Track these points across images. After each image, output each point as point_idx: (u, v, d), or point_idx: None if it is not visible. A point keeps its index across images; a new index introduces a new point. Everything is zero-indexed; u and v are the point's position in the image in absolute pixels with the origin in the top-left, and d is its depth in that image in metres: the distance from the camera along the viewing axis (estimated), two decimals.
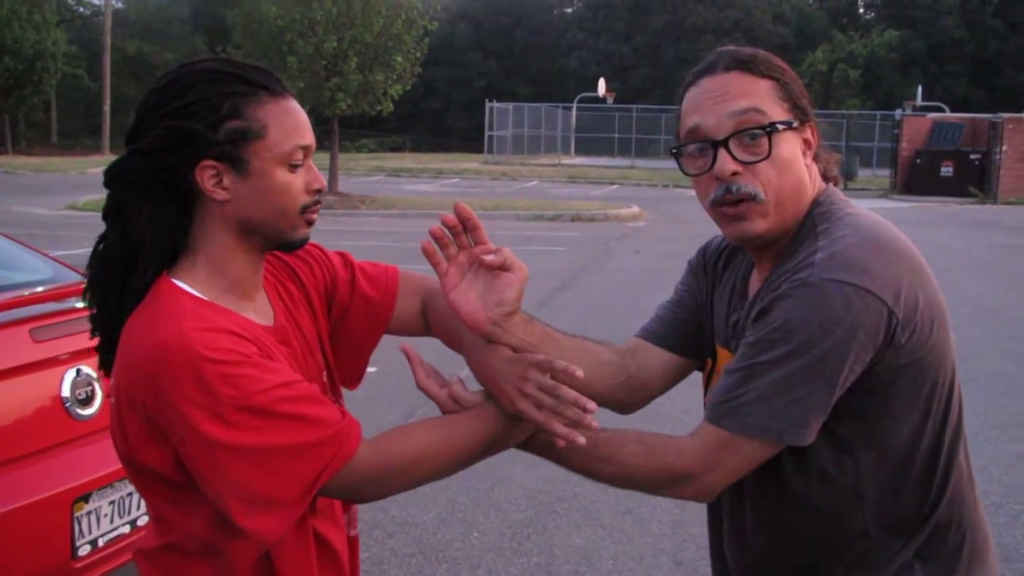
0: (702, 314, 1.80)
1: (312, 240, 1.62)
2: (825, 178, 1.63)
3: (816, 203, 1.58)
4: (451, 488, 5.05)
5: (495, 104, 39.92)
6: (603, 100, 41.76)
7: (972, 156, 26.71)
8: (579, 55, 60.85)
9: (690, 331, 1.82)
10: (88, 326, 3.18)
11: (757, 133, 1.52)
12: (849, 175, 28.40)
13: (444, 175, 32.83)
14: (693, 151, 1.57)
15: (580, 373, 1.50)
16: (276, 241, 1.54)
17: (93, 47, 48.56)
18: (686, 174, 1.61)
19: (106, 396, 1.58)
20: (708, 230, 1.76)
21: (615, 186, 29.59)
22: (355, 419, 1.47)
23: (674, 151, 1.63)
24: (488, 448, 1.55)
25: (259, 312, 1.56)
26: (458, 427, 1.53)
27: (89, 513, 3.13)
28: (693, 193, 1.63)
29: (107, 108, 44.91)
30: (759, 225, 1.55)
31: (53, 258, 4.14)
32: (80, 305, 3.38)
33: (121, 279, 1.48)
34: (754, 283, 1.65)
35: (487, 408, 1.54)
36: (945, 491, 1.54)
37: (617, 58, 60.13)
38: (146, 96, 1.51)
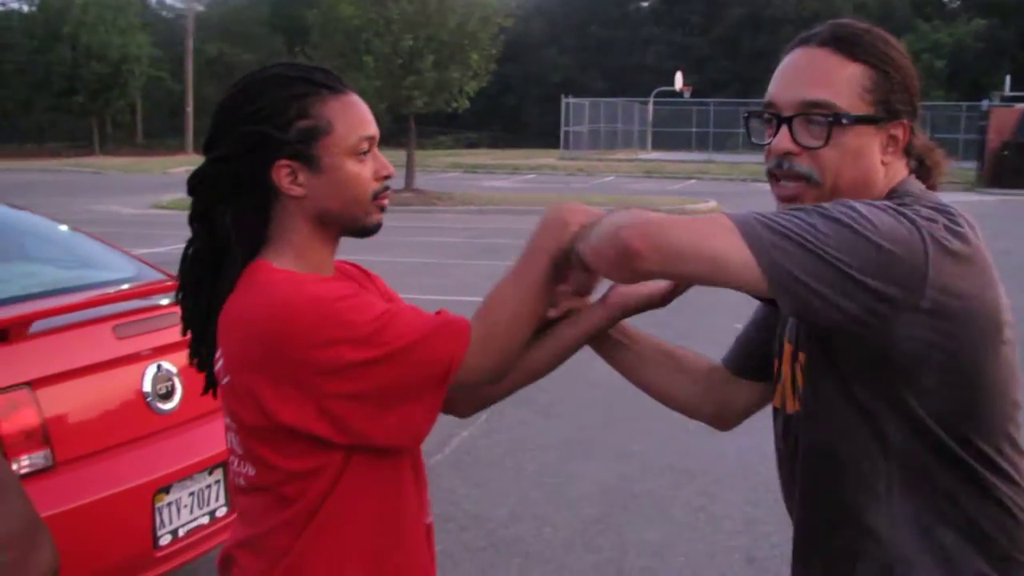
0: (774, 323, 1.74)
1: (390, 235, 1.69)
2: (926, 179, 1.58)
3: (893, 192, 1.52)
4: (523, 483, 5.09)
5: (571, 99, 39.87)
6: (680, 94, 41.47)
7: None
8: (655, 49, 60.42)
9: (763, 351, 1.78)
10: (169, 323, 3.27)
11: (820, 121, 1.49)
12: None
13: (520, 171, 32.89)
14: (764, 120, 1.57)
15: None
16: (352, 228, 1.65)
17: (176, 50, 49.62)
18: (753, 140, 1.61)
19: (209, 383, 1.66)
20: None
21: (693, 181, 29.36)
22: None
23: (746, 115, 1.64)
24: (551, 272, 1.57)
25: None
26: (522, 270, 1.58)
27: (170, 504, 3.22)
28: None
29: (190, 109, 45.93)
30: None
31: (136, 257, 4.27)
32: (164, 303, 3.50)
33: (212, 277, 1.61)
34: None
35: (534, 243, 1.61)
36: (992, 489, 1.48)
37: (694, 51, 59.56)
38: (219, 106, 1.62)
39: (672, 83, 41.08)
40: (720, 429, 1.93)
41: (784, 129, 1.52)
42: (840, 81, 1.49)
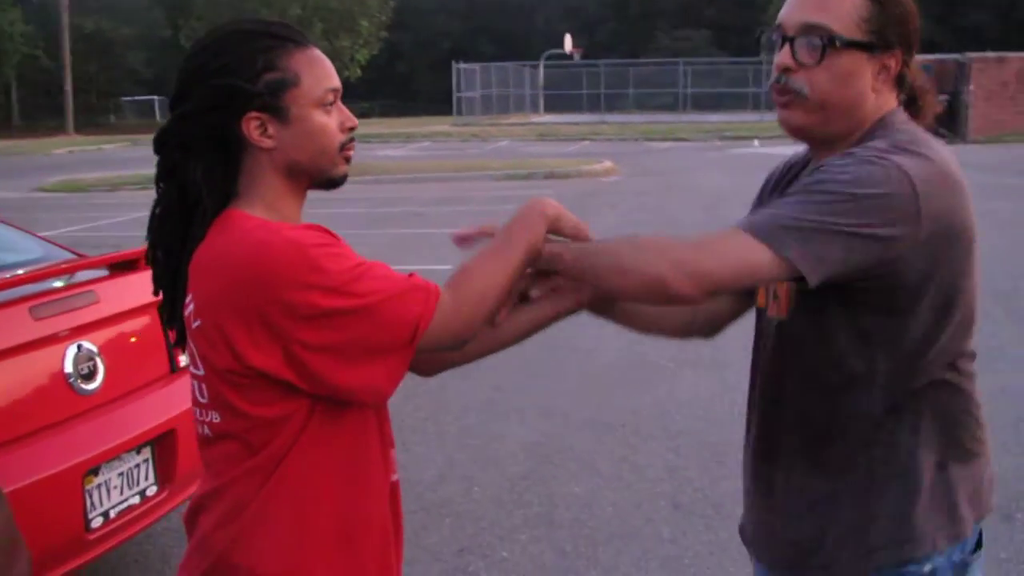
0: None
1: None
2: (914, 116, 1.73)
3: (880, 120, 1.68)
4: (448, 445, 5.12)
5: (462, 65, 39.71)
6: (570, 57, 41.62)
7: (940, 97, 26.74)
8: (544, 12, 60.50)
9: None
10: (87, 302, 3.19)
11: (816, 43, 1.63)
12: None
13: (414, 139, 32.68)
14: (774, 40, 1.71)
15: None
16: (319, 179, 1.67)
17: (50, 27, 47.85)
18: (764, 57, 1.74)
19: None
20: (681, 180, 1.87)
21: (586, 142, 29.56)
22: None
23: (760, 33, 1.79)
24: (528, 258, 1.65)
25: None
26: (501, 248, 1.66)
27: (99, 486, 3.17)
28: (664, 146, 1.78)
29: (69, 88, 44.40)
30: (799, 118, 1.69)
31: (41, 237, 4.15)
32: (73, 281, 3.42)
33: (183, 231, 1.62)
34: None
35: (514, 227, 1.68)
36: (956, 388, 1.69)
37: (582, 14, 59.81)
38: (184, 63, 1.62)
39: (562, 46, 41.18)
40: (707, 338, 2.05)
41: (787, 47, 1.67)
42: (840, 8, 1.64)
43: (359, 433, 1.64)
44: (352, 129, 1.67)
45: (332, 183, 1.68)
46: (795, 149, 2.00)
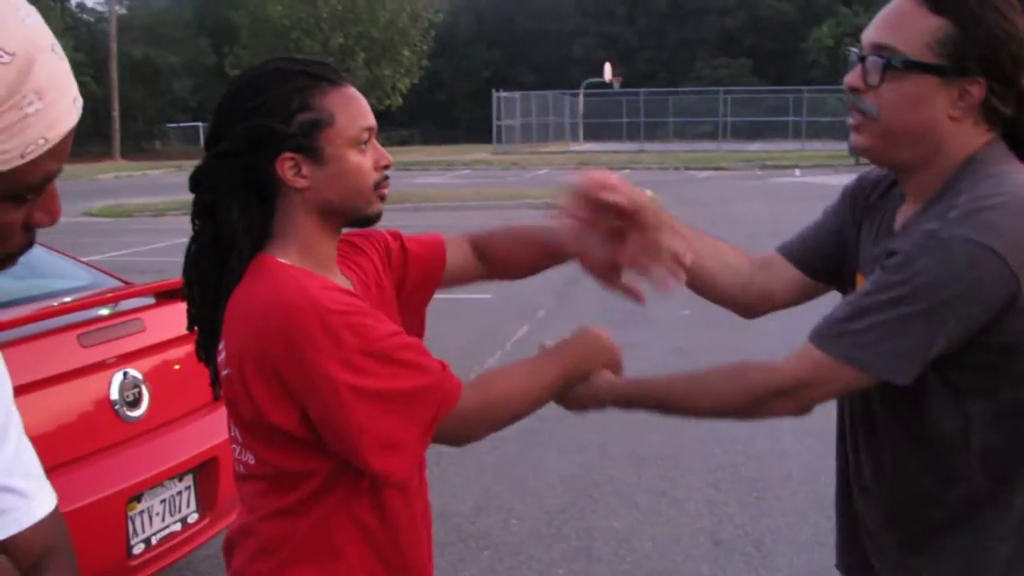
0: (845, 240, 1.84)
1: None
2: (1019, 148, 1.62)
3: (970, 159, 1.58)
4: (486, 477, 5.11)
5: (502, 93, 39.90)
6: (609, 85, 41.75)
7: None
8: (583, 40, 60.71)
9: (828, 254, 1.87)
10: (133, 330, 3.24)
11: (879, 63, 1.57)
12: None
13: (455, 167, 32.85)
14: (853, 56, 1.66)
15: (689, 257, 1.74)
16: (354, 218, 1.67)
17: (99, 54, 48.72)
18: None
19: (219, 374, 1.65)
20: (722, 210, 1.85)
21: (626, 171, 29.52)
22: (450, 369, 1.61)
23: (846, 52, 1.74)
24: (559, 389, 1.70)
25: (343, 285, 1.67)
26: (535, 371, 1.69)
27: (142, 512, 3.20)
28: (704, 175, 1.75)
29: (116, 114, 45.11)
30: (864, 140, 1.63)
31: (88, 264, 4.21)
32: (121, 309, 3.46)
33: (218, 273, 1.61)
34: (900, 219, 1.68)
35: (564, 353, 1.73)
36: None
37: (621, 42, 60.00)
38: (220, 103, 1.62)
39: (601, 74, 41.30)
40: (748, 318, 2.02)
41: (859, 66, 1.61)
42: (911, 29, 1.56)
43: (395, 489, 1.64)
44: (387, 167, 1.67)
45: (367, 221, 1.68)
46: (840, 179, 1.97)
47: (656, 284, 1.73)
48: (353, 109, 1.61)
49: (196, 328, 1.69)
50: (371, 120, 1.64)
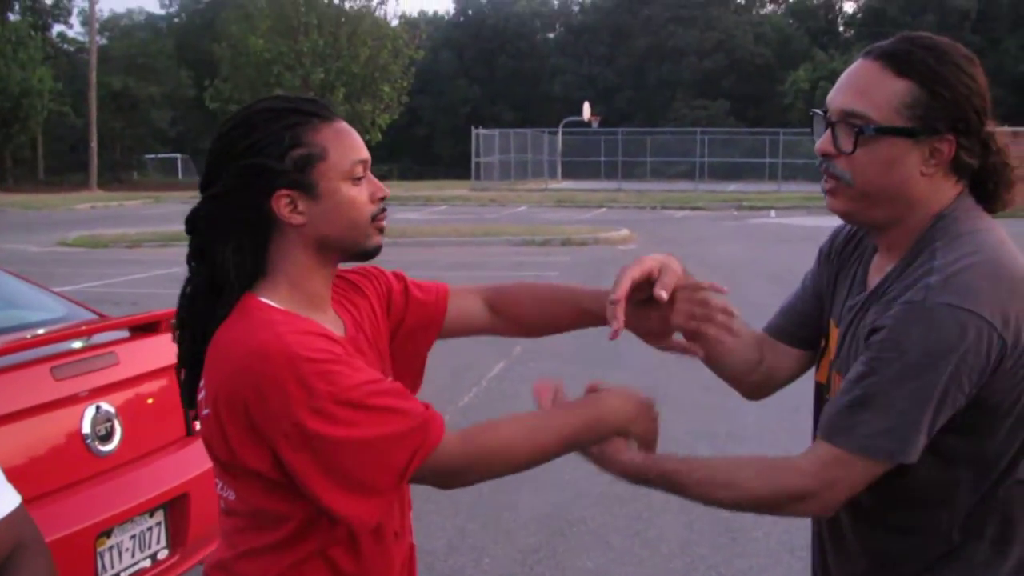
0: (824, 299, 1.86)
1: None
2: (985, 199, 1.66)
3: (941, 215, 1.61)
4: (459, 515, 5.09)
5: (481, 130, 40.10)
6: (588, 124, 41.99)
7: None
8: (562, 79, 61.24)
9: (812, 321, 1.88)
10: (106, 363, 3.22)
11: (851, 131, 1.59)
12: None
13: (432, 202, 32.91)
14: (820, 119, 1.68)
15: (725, 289, 1.75)
16: (353, 251, 1.66)
17: (79, 83, 48.65)
18: (814, 138, 1.71)
19: (199, 411, 1.65)
20: (698, 250, 1.86)
21: (603, 209, 29.71)
22: (436, 411, 1.56)
23: (812, 114, 1.73)
24: (569, 447, 1.63)
25: (332, 325, 1.66)
26: (542, 424, 1.62)
27: (111, 548, 3.16)
28: (681, 215, 1.76)
29: (94, 144, 44.94)
30: (842, 204, 1.65)
31: (63, 295, 4.19)
32: (95, 342, 3.45)
33: (211, 312, 1.60)
34: (874, 273, 1.70)
35: (573, 408, 1.65)
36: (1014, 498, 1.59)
37: (600, 82, 60.52)
38: (213, 144, 1.62)
39: (580, 113, 41.57)
40: (753, 399, 2.02)
41: (828, 132, 1.63)
42: (879, 94, 1.58)
43: (375, 532, 1.63)
44: (383, 199, 1.66)
45: (366, 255, 1.67)
46: (815, 221, 2.00)
47: (713, 339, 1.78)
48: (345, 143, 1.62)
49: (183, 369, 1.68)
50: (364, 153, 1.64)
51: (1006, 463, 1.56)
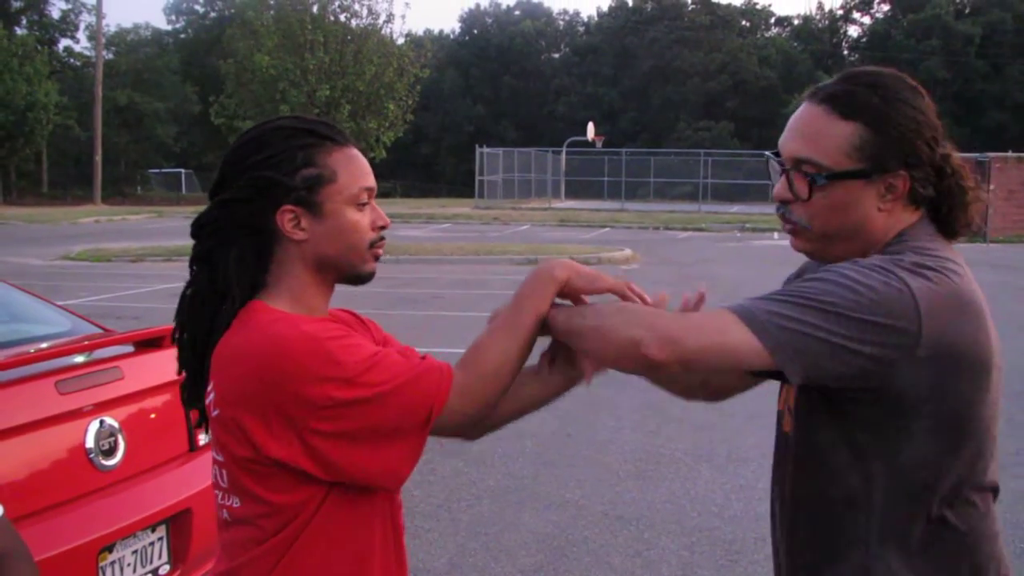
0: None
1: None
2: (944, 225, 1.66)
3: (901, 233, 1.62)
4: (460, 533, 5.09)
5: (485, 149, 40.23)
6: (592, 144, 42.12)
7: None
8: (567, 100, 61.43)
9: None
10: (111, 378, 3.22)
11: (803, 179, 1.61)
12: None
13: (435, 220, 32.96)
14: (774, 163, 1.69)
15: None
16: (348, 274, 1.72)
17: (84, 98, 48.89)
18: (771, 180, 1.74)
19: (196, 425, 1.69)
20: (699, 271, 1.86)
21: (606, 229, 29.75)
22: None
23: (766, 158, 1.75)
24: (537, 326, 1.65)
25: None
26: (513, 320, 1.65)
27: (113, 563, 3.16)
28: (684, 235, 1.77)
29: (98, 158, 45.11)
30: (803, 246, 1.69)
31: (68, 310, 4.20)
32: (99, 356, 3.46)
33: (210, 318, 1.66)
34: None
35: (524, 295, 1.68)
36: (958, 526, 1.57)
37: (605, 102, 60.70)
38: (228, 153, 1.69)
39: (584, 133, 41.70)
40: (712, 401, 2.04)
41: (783, 178, 1.65)
42: (827, 140, 1.60)
43: (369, 522, 1.67)
44: (383, 228, 1.72)
45: (360, 279, 1.73)
46: None
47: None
48: (355, 169, 1.69)
49: (183, 372, 1.72)
50: (371, 181, 1.71)
51: (936, 478, 1.54)
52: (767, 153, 1.74)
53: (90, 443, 3.22)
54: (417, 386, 1.56)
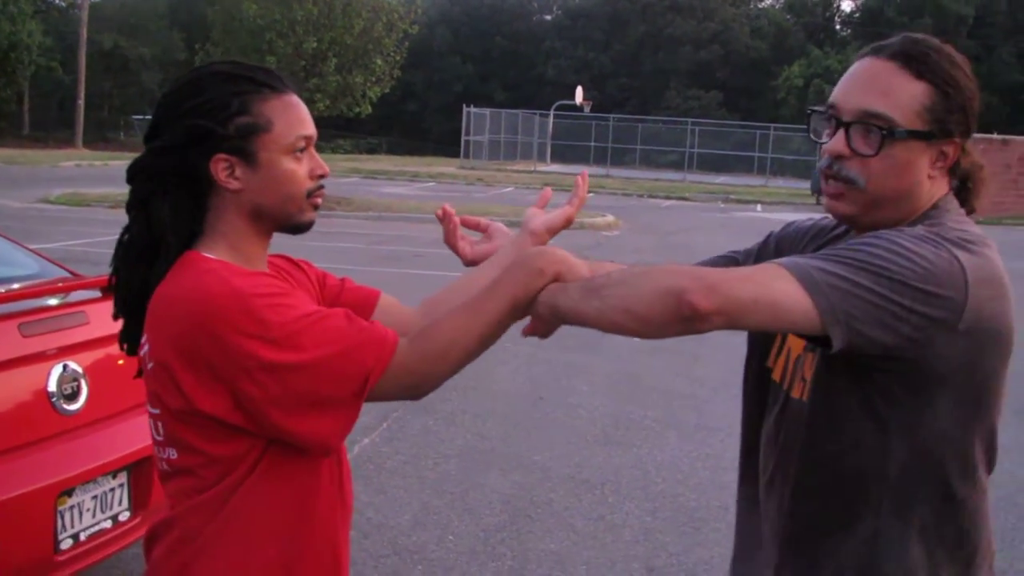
0: None
1: (285, 238, 1.76)
2: (964, 202, 1.66)
3: (935, 205, 1.61)
4: (425, 491, 5.11)
5: (472, 109, 40.01)
6: (580, 108, 41.93)
7: None
8: (557, 63, 61.02)
9: None
10: (76, 323, 3.21)
11: (875, 131, 1.56)
12: (820, 191, 28.56)
13: (420, 179, 32.82)
14: (825, 120, 1.64)
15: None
16: (285, 224, 1.69)
17: (68, 40, 48.24)
18: (812, 137, 1.68)
19: (140, 366, 1.65)
20: (681, 240, 1.82)
21: (590, 195, 29.28)
22: (388, 328, 1.59)
23: (809, 112, 1.70)
24: (510, 313, 1.61)
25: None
26: (480, 304, 1.62)
27: (72, 507, 3.16)
28: (667, 204, 1.72)
29: (81, 102, 44.61)
30: (848, 208, 1.61)
31: (37, 253, 4.16)
32: (65, 300, 3.43)
33: (147, 265, 1.63)
34: None
35: (501, 280, 1.63)
36: (965, 501, 1.58)
37: (595, 67, 60.34)
38: (162, 98, 1.66)
39: (572, 97, 41.50)
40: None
41: (841, 133, 1.59)
42: (902, 96, 1.56)
43: (311, 471, 1.66)
44: (322, 176, 1.69)
45: (297, 229, 1.69)
46: (799, 217, 1.99)
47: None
48: (291, 117, 1.64)
49: (122, 318, 1.70)
50: (310, 129, 1.67)
51: (953, 453, 1.55)
52: (815, 107, 1.68)
53: (52, 387, 3.20)
54: (352, 356, 1.52)
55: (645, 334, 1.49)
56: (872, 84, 1.58)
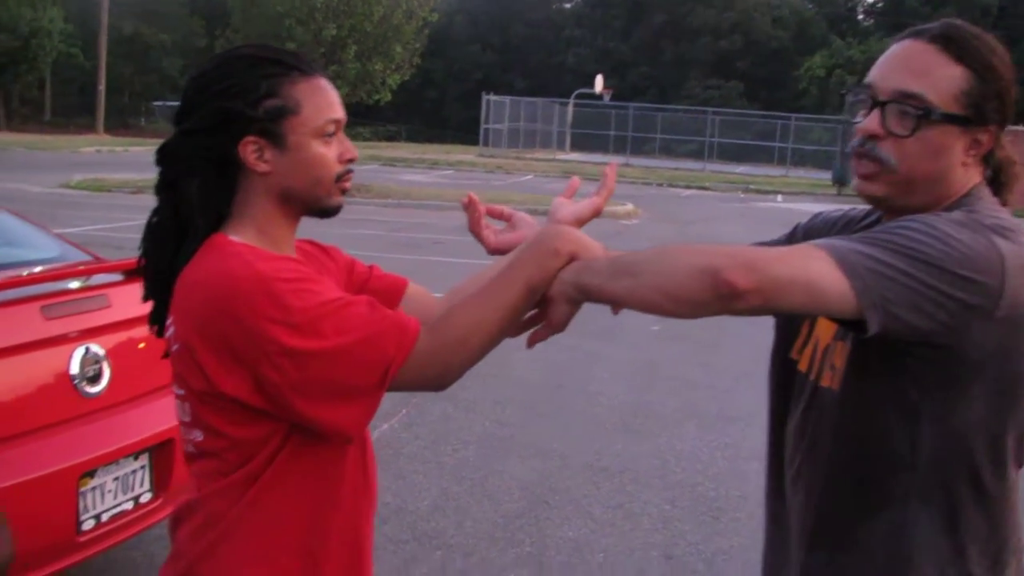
0: None
1: (304, 223, 1.74)
2: (997, 192, 1.64)
3: (968, 192, 1.59)
4: (444, 477, 5.11)
5: (492, 97, 39.94)
6: (600, 97, 41.78)
7: None
8: (577, 51, 60.88)
9: None
10: (98, 305, 3.22)
11: (910, 112, 1.54)
12: (844, 181, 28.45)
13: (439, 166, 32.82)
14: (861, 99, 1.62)
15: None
16: (313, 207, 1.68)
17: (90, 26, 48.33)
18: (848, 116, 1.67)
19: (164, 349, 1.65)
20: (700, 229, 1.80)
21: None
22: (410, 316, 1.58)
23: (844, 92, 1.68)
24: (526, 295, 1.58)
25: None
26: (496, 287, 1.60)
27: (94, 489, 3.17)
28: (687, 193, 1.69)
29: (102, 88, 44.78)
30: (879, 189, 1.59)
31: (60, 236, 4.18)
32: (87, 283, 3.44)
33: (174, 247, 1.63)
34: None
35: (516, 262, 1.61)
36: (994, 493, 1.57)
37: (615, 55, 60.16)
38: (191, 81, 1.65)
39: (592, 86, 41.37)
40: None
41: (876, 112, 1.57)
42: (940, 78, 1.54)
43: (336, 458, 1.65)
44: (351, 161, 1.68)
45: (325, 213, 1.68)
46: (820, 208, 1.96)
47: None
48: (320, 100, 1.64)
49: (151, 300, 1.70)
50: (339, 113, 1.66)
51: (984, 442, 1.54)
52: (852, 85, 1.66)
53: (75, 369, 3.22)
54: (374, 344, 1.51)
55: (678, 313, 1.46)
56: (910, 65, 1.56)
